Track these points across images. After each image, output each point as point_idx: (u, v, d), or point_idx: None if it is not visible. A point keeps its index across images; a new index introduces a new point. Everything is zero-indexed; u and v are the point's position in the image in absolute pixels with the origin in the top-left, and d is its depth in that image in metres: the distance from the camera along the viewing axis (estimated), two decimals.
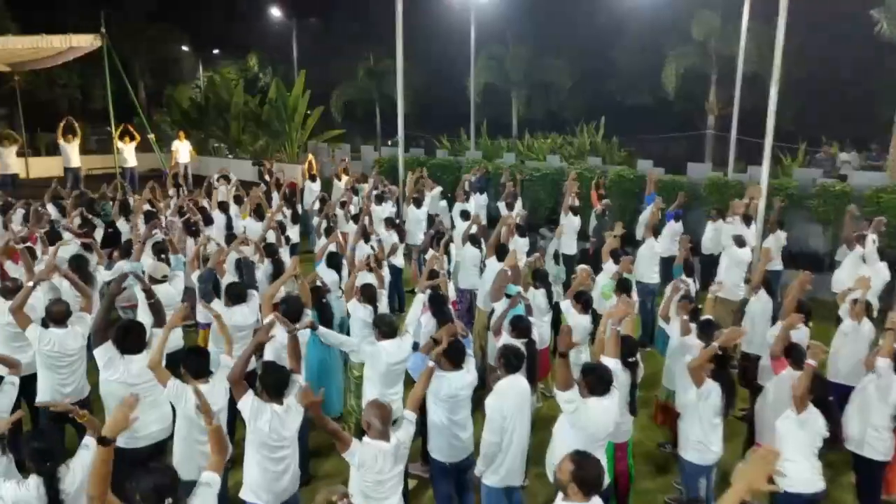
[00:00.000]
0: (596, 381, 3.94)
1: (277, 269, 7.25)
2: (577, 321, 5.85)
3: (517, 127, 28.57)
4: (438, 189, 12.86)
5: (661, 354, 7.11)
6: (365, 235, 8.71)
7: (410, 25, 13.61)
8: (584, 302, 5.94)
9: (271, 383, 3.86)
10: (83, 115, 25.05)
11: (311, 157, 15.14)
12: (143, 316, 5.13)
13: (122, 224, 9.64)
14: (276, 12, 28.23)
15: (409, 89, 30.97)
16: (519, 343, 5.01)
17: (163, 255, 7.26)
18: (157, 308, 4.69)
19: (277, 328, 4.48)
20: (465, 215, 10.06)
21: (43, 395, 4.94)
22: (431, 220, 12.19)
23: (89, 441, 3.56)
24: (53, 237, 7.50)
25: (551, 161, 15.03)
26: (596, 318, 6.03)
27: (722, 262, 8.43)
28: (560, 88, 28.00)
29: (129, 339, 4.38)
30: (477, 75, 21.31)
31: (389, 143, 24.13)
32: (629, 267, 7.18)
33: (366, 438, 3.60)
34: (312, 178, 13.85)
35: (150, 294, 4.74)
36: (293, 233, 10.68)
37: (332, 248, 7.63)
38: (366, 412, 3.68)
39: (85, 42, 15.22)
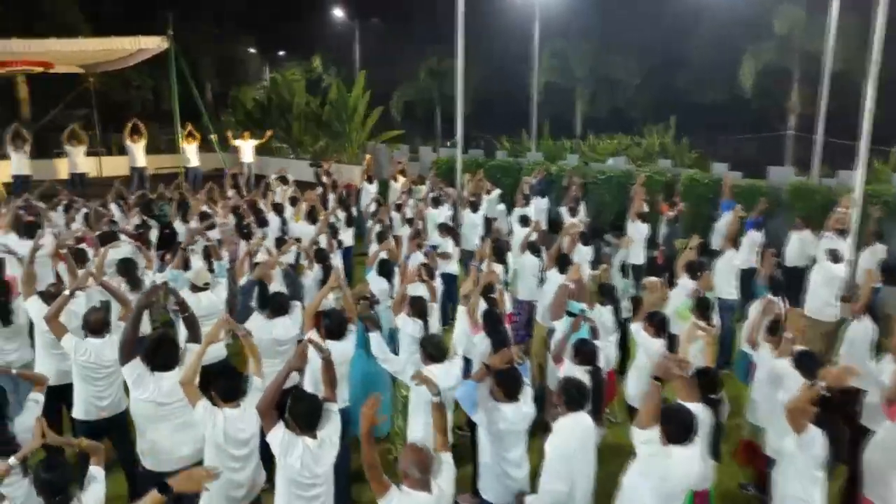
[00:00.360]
0: (676, 429, 3.36)
1: (327, 275, 6.94)
2: (649, 346, 5.20)
3: (580, 126, 27.69)
4: (497, 192, 12.36)
5: (740, 381, 6.38)
6: (418, 241, 8.33)
7: (472, 24, 13.18)
8: (657, 323, 5.24)
9: (302, 414, 3.48)
10: (155, 115, 25.87)
11: (368, 157, 14.90)
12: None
13: (179, 225, 9.60)
14: (339, 13, 28.38)
15: (469, 89, 30.62)
16: (582, 371, 4.47)
17: (211, 259, 7.10)
18: (191, 322, 4.39)
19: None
20: (524, 221, 9.52)
21: (79, 408, 4.76)
22: (489, 224, 11.73)
23: (97, 472, 3.38)
24: (107, 239, 7.41)
25: (617, 163, 14.26)
26: (672, 342, 5.40)
27: (813, 277, 7.56)
28: (627, 85, 26.93)
29: (160, 354, 4.09)
30: (539, 73, 20.67)
31: (448, 143, 23.75)
32: (710, 283, 6.44)
33: (404, 487, 3.16)
34: (369, 180, 13.60)
35: (183, 307, 4.44)
36: (347, 236, 10.40)
37: (384, 254, 7.27)
38: (402, 458, 3.24)
39: (152, 44, 15.52)
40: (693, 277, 6.47)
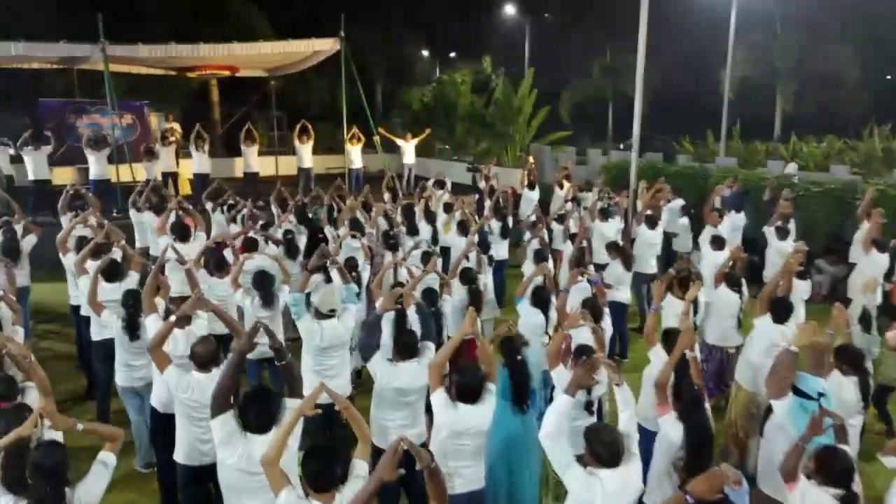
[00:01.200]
0: None
1: (474, 299, 5.94)
2: None
3: (779, 127, 24.15)
4: (679, 202, 10.57)
5: None
6: (580, 262, 7.01)
7: (655, 16, 11.51)
8: None
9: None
10: (331, 116, 26.93)
11: (531, 160, 13.74)
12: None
13: (330, 230, 9.18)
14: (510, 10, 27.52)
15: (647, 86, 28.24)
16: (830, 497, 2.95)
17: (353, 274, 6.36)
18: (289, 370, 3.56)
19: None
20: (717, 242, 7.74)
21: (180, 451, 4.18)
22: (668, 241, 10.01)
23: (107, 459, 3.14)
24: (249, 246, 7.05)
25: (837, 172, 11.70)
26: None
27: None
28: (842, 80, 22.91)
29: (254, 411, 3.31)
30: (733, 68, 18.09)
31: (621, 146, 21.84)
32: None
33: None
34: (531, 186, 12.44)
35: (279, 353, 3.59)
36: (501, 248, 9.36)
37: (539, 279, 6.05)
38: None
39: (326, 46, 15.73)
40: None
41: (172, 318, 4.13)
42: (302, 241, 8.28)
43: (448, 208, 10.21)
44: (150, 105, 25.62)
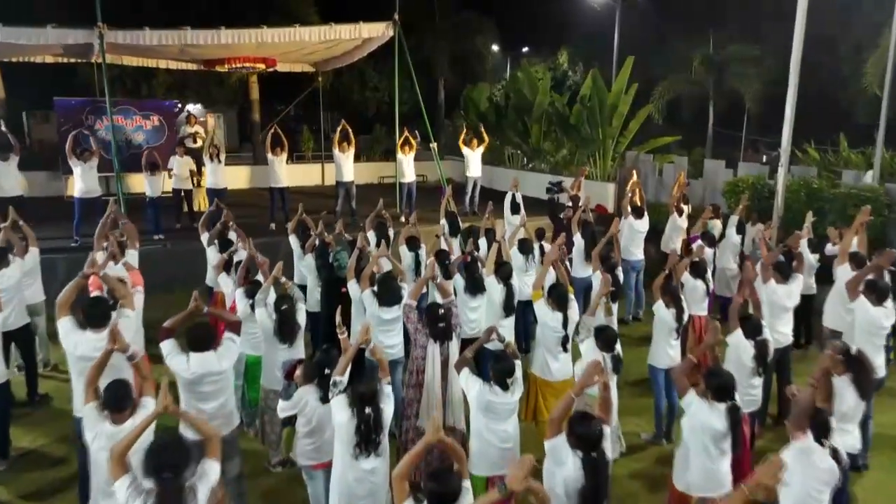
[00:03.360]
0: None
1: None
2: None
3: None
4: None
5: None
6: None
7: None
8: None
9: None
10: (389, 118, 24.06)
11: (634, 178, 10.37)
12: None
13: (354, 287, 6.21)
14: None
15: (758, 80, 24.04)
16: None
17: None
18: None
19: None
20: None
21: None
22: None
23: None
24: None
25: None
26: None
27: None
28: None
29: None
30: (879, 57, 14.10)
31: (764, 159, 17.95)
32: None
33: None
34: (638, 213, 9.12)
35: None
36: (581, 269, 6.15)
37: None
38: None
39: (376, 32, 12.85)
40: None
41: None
42: (303, 314, 5.29)
43: (525, 246, 7.18)
44: (204, 105, 23.71)
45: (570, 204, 10.16)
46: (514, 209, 9.99)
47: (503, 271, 5.99)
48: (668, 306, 5.51)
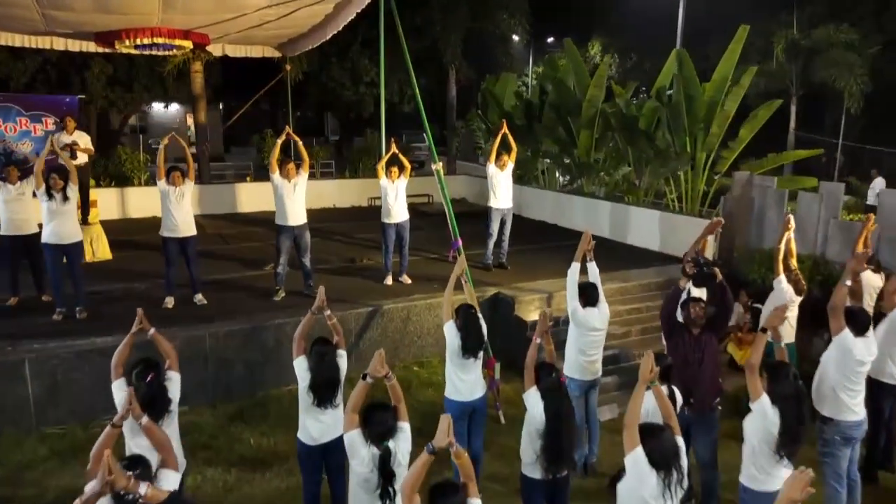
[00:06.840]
0: None
1: None
2: None
3: None
4: None
5: None
6: None
7: None
8: None
9: None
10: (389, 120, 19.14)
11: (790, 217, 5.73)
12: None
13: None
14: None
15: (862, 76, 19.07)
16: None
17: None
18: None
19: None
20: None
21: None
22: None
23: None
24: None
25: None
26: None
27: None
28: None
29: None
30: None
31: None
32: None
33: None
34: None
35: None
36: None
37: None
38: None
39: None
40: None
41: None
42: None
43: None
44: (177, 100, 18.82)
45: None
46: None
47: None
48: None
